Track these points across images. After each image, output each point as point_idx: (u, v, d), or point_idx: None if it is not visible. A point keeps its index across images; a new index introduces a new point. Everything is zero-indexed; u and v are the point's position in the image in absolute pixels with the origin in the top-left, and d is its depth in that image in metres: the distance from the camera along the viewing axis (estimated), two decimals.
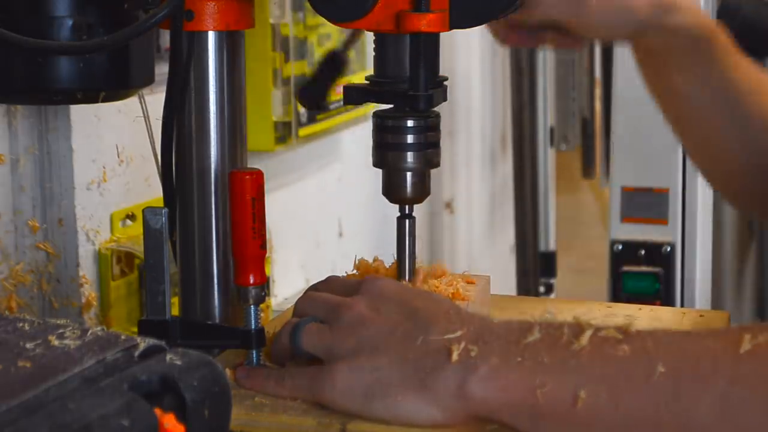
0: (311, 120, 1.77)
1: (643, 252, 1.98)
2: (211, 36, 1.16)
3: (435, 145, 1.17)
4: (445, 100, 1.17)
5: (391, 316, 1.03)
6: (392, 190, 1.18)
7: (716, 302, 2.75)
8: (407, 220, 1.20)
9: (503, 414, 0.95)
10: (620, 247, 2.02)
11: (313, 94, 1.28)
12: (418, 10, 1.11)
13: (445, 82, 1.17)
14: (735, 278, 3.40)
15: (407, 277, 1.20)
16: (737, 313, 3.29)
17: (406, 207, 1.19)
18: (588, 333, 0.94)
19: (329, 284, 1.14)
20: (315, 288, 1.15)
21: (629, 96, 1.95)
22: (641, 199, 2.01)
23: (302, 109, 1.74)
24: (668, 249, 1.97)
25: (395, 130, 1.16)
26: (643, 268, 2.01)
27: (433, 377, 0.97)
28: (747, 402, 0.88)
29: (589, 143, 3.57)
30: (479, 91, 2.90)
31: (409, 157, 1.16)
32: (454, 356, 0.96)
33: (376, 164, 1.18)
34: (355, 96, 1.17)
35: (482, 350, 0.96)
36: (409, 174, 1.17)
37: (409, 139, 1.16)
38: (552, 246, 3.15)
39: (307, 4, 1.21)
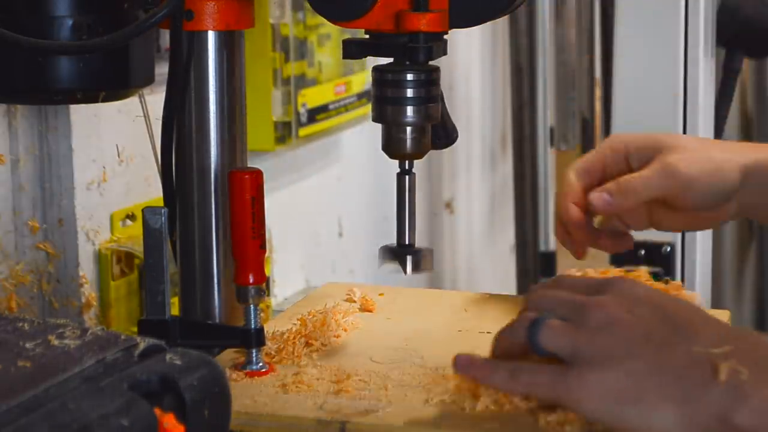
0: (311, 120, 1.77)
1: (643, 252, 1.98)
2: (211, 36, 1.16)
3: (435, 100, 1.15)
4: (445, 53, 1.15)
5: (646, 319, 0.96)
6: (392, 145, 1.16)
7: (716, 302, 2.75)
8: (407, 176, 1.18)
9: None
10: None
11: (443, 131, 1.23)
12: (418, 9, 1.11)
13: (446, 36, 1.16)
14: (735, 278, 3.40)
15: (407, 236, 1.19)
16: (737, 313, 3.29)
17: (406, 162, 1.18)
18: None
19: (564, 283, 1.06)
20: (546, 287, 1.07)
21: (629, 96, 1.94)
22: None
23: (302, 109, 1.74)
24: (668, 249, 1.96)
25: (395, 84, 1.14)
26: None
27: (697, 393, 0.91)
28: None
29: (589, 143, 3.57)
30: (479, 92, 2.90)
31: (409, 111, 1.14)
32: (722, 376, 0.90)
33: (375, 119, 1.16)
34: (354, 50, 1.16)
35: (754, 375, 0.89)
36: (408, 129, 1.15)
37: (409, 93, 1.14)
38: (552, 246, 3.14)
39: (307, 4, 1.21)
